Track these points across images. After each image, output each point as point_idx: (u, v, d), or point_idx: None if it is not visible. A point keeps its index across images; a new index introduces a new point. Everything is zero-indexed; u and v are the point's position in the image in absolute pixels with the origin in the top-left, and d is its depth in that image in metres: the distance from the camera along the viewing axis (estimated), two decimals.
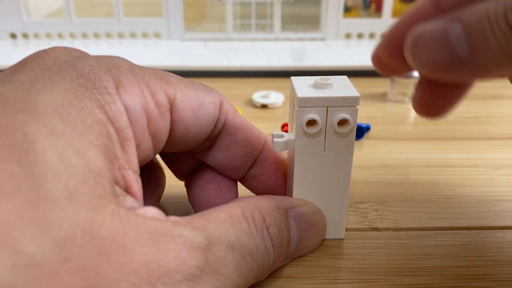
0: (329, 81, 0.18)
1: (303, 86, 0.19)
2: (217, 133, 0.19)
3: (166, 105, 0.17)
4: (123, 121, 0.15)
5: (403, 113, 0.36)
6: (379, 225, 0.22)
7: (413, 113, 0.36)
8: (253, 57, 0.46)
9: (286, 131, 0.31)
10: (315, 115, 0.18)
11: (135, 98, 0.15)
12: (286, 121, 0.33)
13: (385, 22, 0.51)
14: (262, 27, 0.53)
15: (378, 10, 0.56)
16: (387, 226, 0.22)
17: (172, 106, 0.17)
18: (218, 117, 0.19)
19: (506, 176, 0.27)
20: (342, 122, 0.18)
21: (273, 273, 0.19)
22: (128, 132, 0.15)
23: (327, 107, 0.18)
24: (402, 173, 0.27)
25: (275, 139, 0.19)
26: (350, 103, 0.18)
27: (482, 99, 0.38)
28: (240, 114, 0.20)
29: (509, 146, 0.30)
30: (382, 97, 0.39)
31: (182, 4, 0.50)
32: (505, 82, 0.32)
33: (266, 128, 0.25)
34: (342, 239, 0.21)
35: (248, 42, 0.51)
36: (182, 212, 0.23)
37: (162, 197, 0.23)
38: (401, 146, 0.31)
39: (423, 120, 0.35)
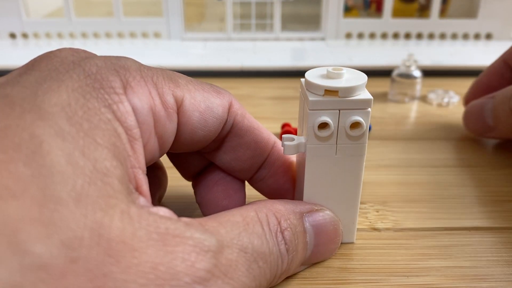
0: None
1: None
2: (225, 134, 0.19)
3: (174, 106, 0.17)
4: (131, 121, 0.15)
5: (403, 113, 0.36)
6: (379, 225, 0.22)
7: (413, 113, 0.36)
8: (253, 57, 0.46)
9: (286, 132, 0.31)
10: (327, 118, 0.18)
11: (142, 99, 0.15)
12: (286, 121, 0.33)
13: (385, 22, 0.51)
14: (262, 27, 0.53)
15: (378, 10, 0.56)
16: (387, 226, 0.22)
17: (180, 108, 0.17)
18: (226, 119, 0.19)
19: (506, 176, 0.27)
20: (355, 125, 0.18)
21: None
22: (136, 132, 0.15)
23: (339, 110, 0.18)
24: (402, 173, 0.27)
25: (285, 143, 0.18)
26: (363, 105, 0.18)
27: None
28: (249, 116, 0.20)
29: (509, 146, 0.30)
30: (383, 97, 0.39)
31: (182, 4, 0.50)
32: None
33: None
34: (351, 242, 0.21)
35: (248, 42, 0.51)
36: (183, 212, 0.23)
37: (164, 197, 0.23)
38: (401, 146, 0.31)
39: (423, 120, 0.35)
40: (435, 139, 0.31)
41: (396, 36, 0.52)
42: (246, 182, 0.22)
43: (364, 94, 0.18)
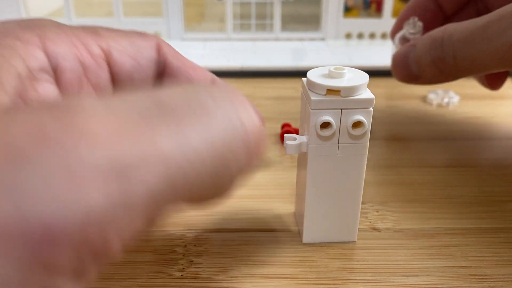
0: None
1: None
2: (160, 77, 0.19)
3: (101, 55, 0.17)
4: (34, 62, 0.14)
5: (403, 113, 0.36)
6: (379, 225, 0.22)
7: (413, 113, 0.36)
8: (253, 57, 0.46)
9: (286, 132, 0.31)
10: (329, 117, 0.18)
11: (65, 48, 0.15)
12: (286, 121, 0.33)
13: (386, 22, 0.51)
14: (262, 27, 0.53)
15: (378, 10, 0.56)
16: (387, 226, 0.22)
17: (109, 56, 0.17)
18: (159, 60, 0.19)
19: (506, 176, 0.27)
20: (357, 124, 0.18)
21: (267, 273, 0.19)
22: (37, 72, 0.15)
23: (341, 109, 0.18)
24: (402, 173, 0.27)
25: (287, 142, 0.19)
26: (365, 105, 0.18)
27: (482, 99, 0.38)
28: (183, 57, 0.19)
29: (509, 146, 0.30)
30: (382, 97, 0.39)
31: (182, 4, 0.50)
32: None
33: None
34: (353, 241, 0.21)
35: (248, 42, 0.51)
36: None
37: None
38: (401, 146, 0.31)
39: (422, 120, 0.35)
40: (435, 139, 0.31)
41: None
42: None
43: (366, 94, 0.18)
